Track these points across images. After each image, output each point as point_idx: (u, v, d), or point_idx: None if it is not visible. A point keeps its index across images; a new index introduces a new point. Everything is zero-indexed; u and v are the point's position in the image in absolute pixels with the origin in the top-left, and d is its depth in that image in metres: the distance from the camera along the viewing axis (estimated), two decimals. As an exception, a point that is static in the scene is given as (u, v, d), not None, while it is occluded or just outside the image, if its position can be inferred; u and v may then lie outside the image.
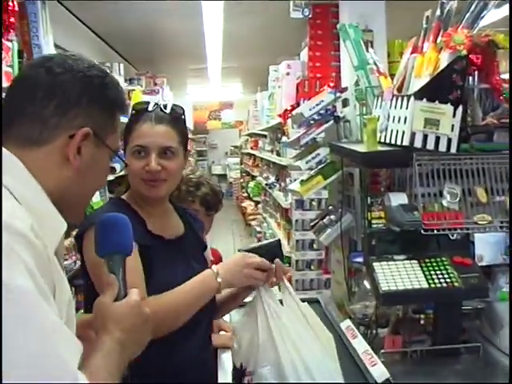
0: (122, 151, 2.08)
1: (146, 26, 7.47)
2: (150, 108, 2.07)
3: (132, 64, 10.33)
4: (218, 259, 3.08)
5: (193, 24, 7.12)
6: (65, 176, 1.27)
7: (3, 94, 1.31)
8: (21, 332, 0.99)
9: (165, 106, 2.10)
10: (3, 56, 2.99)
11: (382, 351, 2.28)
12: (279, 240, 2.19)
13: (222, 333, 2.68)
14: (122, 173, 4.35)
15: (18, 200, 1.14)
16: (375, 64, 2.71)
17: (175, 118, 2.10)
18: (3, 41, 2.82)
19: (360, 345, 2.29)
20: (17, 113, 1.25)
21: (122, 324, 1.29)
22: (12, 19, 2.76)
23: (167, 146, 2.03)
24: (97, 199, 4.25)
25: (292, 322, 2.03)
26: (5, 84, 2.88)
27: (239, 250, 2.13)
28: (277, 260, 2.09)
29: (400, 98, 2.37)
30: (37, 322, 1.03)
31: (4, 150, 1.20)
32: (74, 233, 2.02)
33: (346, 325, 2.51)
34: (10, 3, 2.74)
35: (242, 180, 17.27)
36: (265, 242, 2.22)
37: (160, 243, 2.03)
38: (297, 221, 5.44)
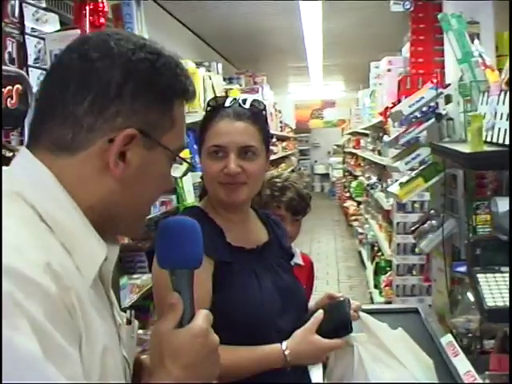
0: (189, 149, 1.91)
1: (245, 25, 7.50)
2: (227, 103, 1.88)
3: (232, 63, 10.42)
4: (308, 265, 2.95)
5: (292, 22, 7.10)
6: (106, 188, 1.03)
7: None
8: None
9: (244, 101, 1.88)
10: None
11: (487, 372, 2.08)
12: (348, 301, 1.88)
13: None
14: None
15: (48, 223, 0.96)
16: (481, 56, 2.51)
17: (256, 113, 1.88)
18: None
19: (462, 364, 2.12)
20: (47, 111, 1.03)
21: (183, 358, 1.04)
22: (102, 20, 2.74)
23: (247, 146, 1.82)
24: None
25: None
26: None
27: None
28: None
29: (509, 93, 2.15)
30: None
31: (28, 156, 1.01)
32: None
33: (446, 340, 2.34)
34: (100, 4, 2.73)
35: (344, 180, 17.06)
36: (336, 302, 1.92)
37: (241, 255, 1.84)
38: (398, 223, 5.23)
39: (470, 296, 2.34)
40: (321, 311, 1.81)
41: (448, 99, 2.76)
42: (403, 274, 5.23)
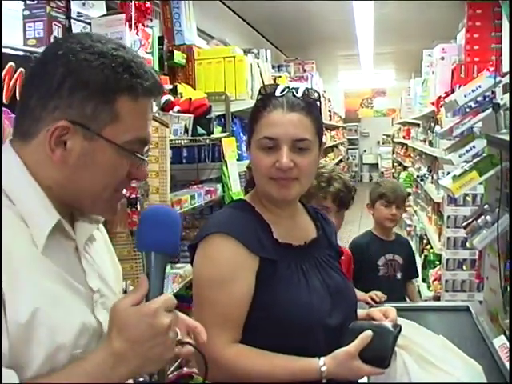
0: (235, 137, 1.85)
1: (294, 12, 7.42)
2: (277, 92, 1.77)
3: (281, 50, 10.33)
4: (348, 259, 2.87)
5: (342, 9, 6.96)
6: (57, 172, 1.19)
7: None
8: None
9: (296, 90, 1.77)
10: (143, 43, 2.96)
11: (543, 378, 1.97)
12: (400, 330, 1.73)
13: None
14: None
15: (12, 200, 1.14)
16: (543, 43, 2.36)
17: (310, 103, 1.77)
18: (140, 27, 2.78)
19: (516, 368, 2.00)
20: (21, 102, 1.23)
21: (126, 333, 1.11)
22: (148, 4, 2.71)
23: (301, 139, 1.71)
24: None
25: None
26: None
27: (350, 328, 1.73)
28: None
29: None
30: None
31: (6, 144, 1.21)
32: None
33: (500, 342, 2.24)
34: (144, -11, 2.70)
35: (393, 170, 16.84)
36: (385, 330, 1.72)
37: (288, 253, 1.76)
38: (449, 217, 5.08)
39: (526, 296, 2.23)
40: (369, 334, 1.67)
41: (506, 88, 2.62)
42: (453, 268, 5.09)
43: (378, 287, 3.44)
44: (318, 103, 1.83)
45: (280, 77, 5.96)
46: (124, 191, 1.35)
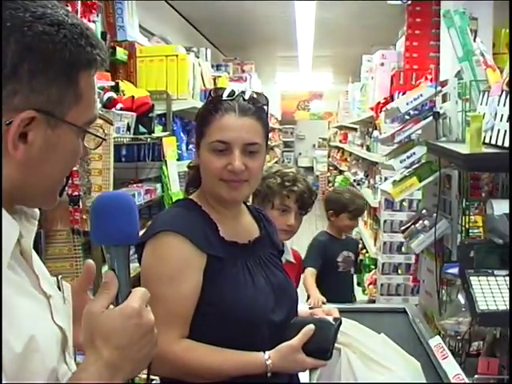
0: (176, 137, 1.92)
1: (235, 11, 7.49)
2: (225, 95, 1.85)
3: (220, 49, 10.37)
4: (298, 261, 2.97)
5: (284, 9, 7.07)
6: (12, 169, 1.00)
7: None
8: None
9: (245, 94, 1.88)
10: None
11: (476, 376, 2.11)
12: (340, 323, 1.87)
13: None
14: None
15: None
16: (482, 55, 2.52)
17: (260, 108, 1.88)
18: (85, 21, 2.80)
19: (451, 367, 2.15)
20: None
21: (114, 340, 1.03)
22: (94, -1, 2.75)
23: (253, 142, 1.82)
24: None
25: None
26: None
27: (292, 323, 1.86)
28: None
29: (509, 95, 2.18)
30: None
31: None
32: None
33: (435, 342, 2.37)
34: (89, -18, 2.74)
35: (328, 174, 17.09)
36: (326, 324, 1.85)
37: (234, 250, 1.86)
38: (385, 221, 5.24)
39: (461, 298, 2.37)
40: (311, 327, 1.78)
41: (444, 98, 2.78)
42: (388, 272, 5.26)
43: (339, 282, 3.83)
44: (266, 108, 1.93)
45: (220, 77, 6.00)
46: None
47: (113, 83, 3.51)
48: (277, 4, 6.93)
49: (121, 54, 3.86)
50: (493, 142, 2.25)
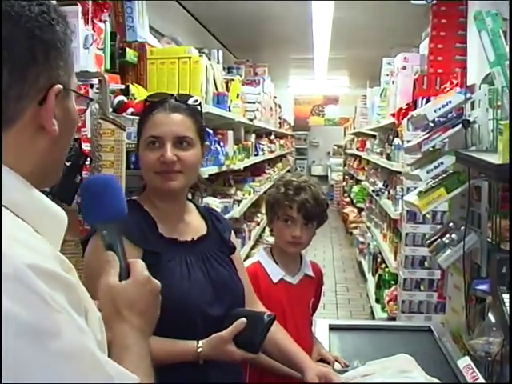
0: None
1: (247, 11, 7.51)
2: (157, 99, 2.16)
3: (231, 51, 10.40)
4: (318, 275, 2.96)
5: (300, 9, 7.08)
6: (42, 150, 1.09)
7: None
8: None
9: (179, 96, 2.19)
10: (95, 38, 3.01)
11: (509, 399, 2.12)
12: (273, 319, 2.08)
13: (322, 364, 2.54)
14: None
15: (11, 209, 1.00)
16: (513, 59, 2.53)
17: (192, 108, 2.17)
18: (95, 21, 2.84)
19: (482, 389, 2.15)
20: None
21: (138, 307, 1.24)
22: (104, -2, 2.78)
23: (183, 136, 2.09)
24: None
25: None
26: (95, 68, 2.90)
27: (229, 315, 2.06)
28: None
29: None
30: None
31: None
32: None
33: (464, 363, 2.38)
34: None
35: (344, 183, 17.08)
36: (258, 318, 2.06)
37: (172, 246, 2.08)
38: (407, 234, 5.21)
39: (492, 317, 2.37)
40: (243, 321, 1.98)
41: (473, 104, 2.78)
42: (410, 288, 5.23)
43: None
44: (200, 108, 2.23)
45: (233, 80, 6.01)
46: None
47: (122, 86, 3.53)
48: (292, 4, 6.95)
49: (130, 55, 3.87)
50: (527, 151, 2.26)
